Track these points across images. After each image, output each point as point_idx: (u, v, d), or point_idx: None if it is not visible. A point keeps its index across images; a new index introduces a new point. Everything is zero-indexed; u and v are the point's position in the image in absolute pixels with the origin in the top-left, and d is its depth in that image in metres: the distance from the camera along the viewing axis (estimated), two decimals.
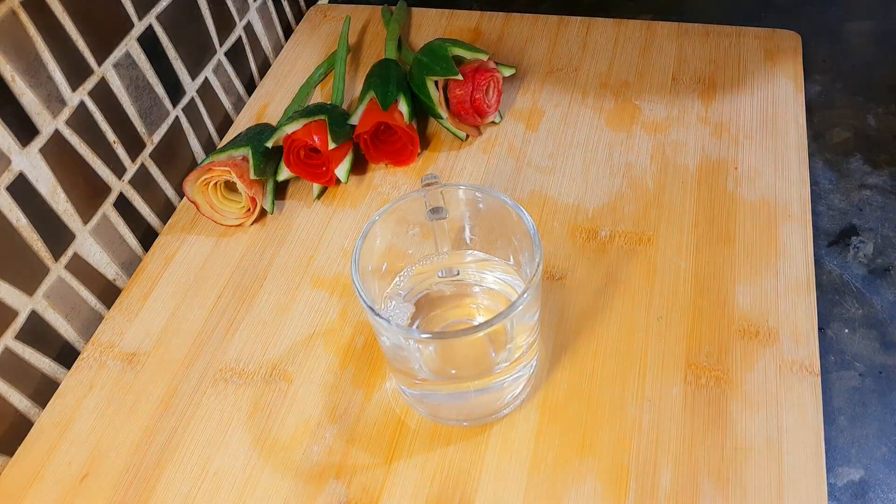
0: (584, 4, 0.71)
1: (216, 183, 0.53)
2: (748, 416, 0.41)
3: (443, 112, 0.57)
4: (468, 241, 0.44)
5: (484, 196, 0.40)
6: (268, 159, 0.55)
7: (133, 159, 0.54)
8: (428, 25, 0.69)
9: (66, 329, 0.49)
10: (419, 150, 0.57)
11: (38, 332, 0.47)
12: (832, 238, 0.51)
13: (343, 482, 0.41)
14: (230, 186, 0.54)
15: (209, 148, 0.62)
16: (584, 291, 0.48)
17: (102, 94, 0.50)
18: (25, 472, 0.44)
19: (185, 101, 0.59)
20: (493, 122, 0.59)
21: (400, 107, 0.56)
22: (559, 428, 0.42)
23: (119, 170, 0.53)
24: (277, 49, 0.71)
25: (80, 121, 0.48)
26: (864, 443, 0.42)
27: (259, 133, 0.56)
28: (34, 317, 0.47)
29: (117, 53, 0.51)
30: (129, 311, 0.51)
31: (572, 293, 0.48)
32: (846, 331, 0.46)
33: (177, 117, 0.58)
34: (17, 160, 0.44)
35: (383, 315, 0.35)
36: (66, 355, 0.49)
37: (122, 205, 0.53)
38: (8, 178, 0.44)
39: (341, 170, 0.55)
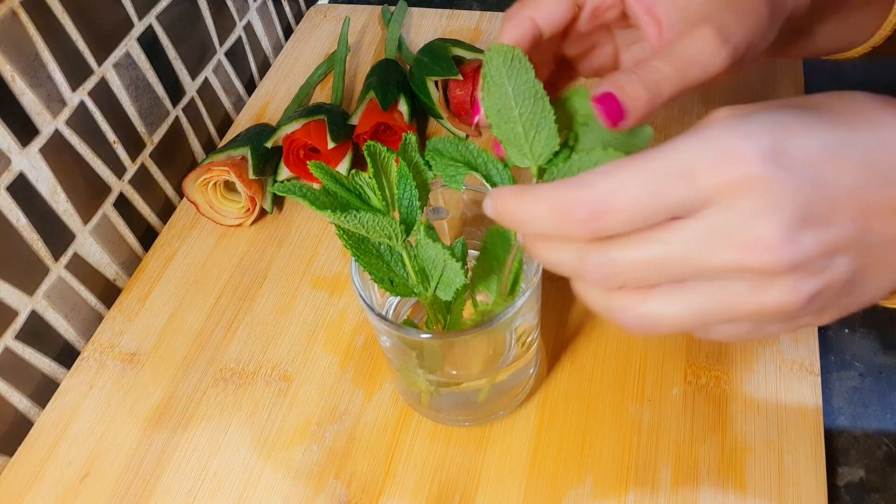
0: None
1: (215, 183, 0.53)
2: (748, 416, 0.41)
3: (443, 112, 0.57)
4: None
5: (484, 196, 0.40)
6: (267, 159, 0.55)
7: (133, 159, 0.54)
8: (428, 25, 0.69)
9: (66, 329, 0.49)
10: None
11: (38, 332, 0.47)
12: None
13: (343, 482, 0.41)
14: (230, 186, 0.54)
15: (209, 148, 0.62)
16: None
17: (102, 94, 0.50)
18: (25, 472, 0.44)
19: (185, 101, 0.59)
20: None
21: (400, 107, 0.56)
22: (559, 428, 0.42)
23: (119, 170, 0.53)
24: (277, 49, 0.71)
25: (80, 121, 0.48)
26: (864, 443, 0.42)
27: (258, 133, 0.56)
28: (34, 317, 0.47)
29: (117, 53, 0.51)
30: (129, 311, 0.51)
31: (572, 293, 0.48)
32: (846, 331, 0.46)
33: (177, 117, 0.58)
34: (17, 160, 0.44)
35: (383, 315, 0.35)
36: (66, 355, 0.49)
37: (122, 205, 0.53)
38: (8, 178, 0.44)
39: (341, 169, 0.55)
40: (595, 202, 0.24)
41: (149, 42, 0.54)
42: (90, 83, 0.49)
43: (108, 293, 0.52)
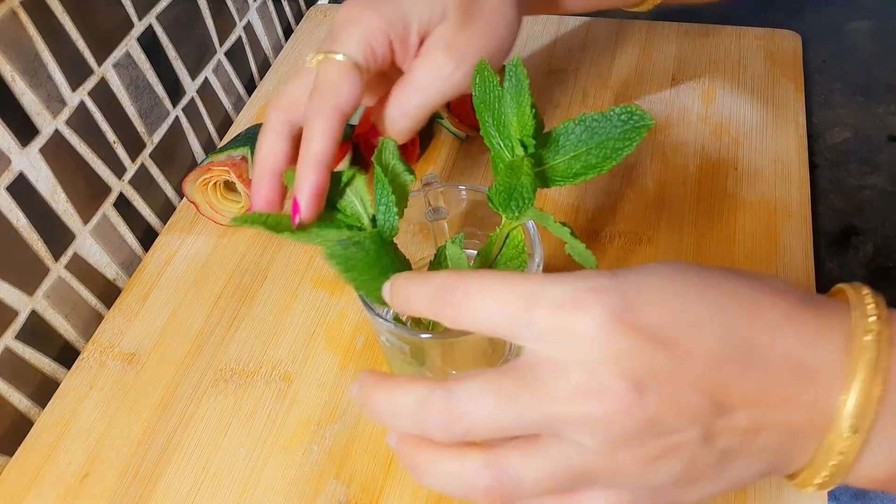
0: None
1: (215, 183, 0.53)
2: None
3: (443, 112, 0.57)
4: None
5: (484, 196, 0.40)
6: None
7: (133, 159, 0.54)
8: None
9: (66, 329, 0.49)
10: (419, 150, 0.57)
11: (38, 332, 0.47)
12: (832, 238, 0.51)
13: (343, 482, 0.41)
14: (230, 186, 0.54)
15: (209, 148, 0.62)
16: None
17: (102, 94, 0.50)
18: (25, 472, 0.44)
19: (185, 101, 0.59)
20: None
21: None
22: None
23: (119, 170, 0.53)
24: (277, 49, 0.71)
25: (80, 121, 0.48)
26: None
27: (258, 133, 0.56)
28: (34, 317, 0.47)
29: (117, 53, 0.51)
30: (129, 311, 0.51)
31: None
32: None
33: (177, 117, 0.58)
34: (17, 160, 0.44)
35: (383, 315, 0.35)
36: (66, 355, 0.49)
37: (122, 205, 0.53)
38: (8, 178, 0.44)
39: (341, 169, 0.55)
40: (451, 412, 0.25)
41: (149, 42, 0.54)
42: (90, 83, 0.49)
43: (108, 293, 0.52)
